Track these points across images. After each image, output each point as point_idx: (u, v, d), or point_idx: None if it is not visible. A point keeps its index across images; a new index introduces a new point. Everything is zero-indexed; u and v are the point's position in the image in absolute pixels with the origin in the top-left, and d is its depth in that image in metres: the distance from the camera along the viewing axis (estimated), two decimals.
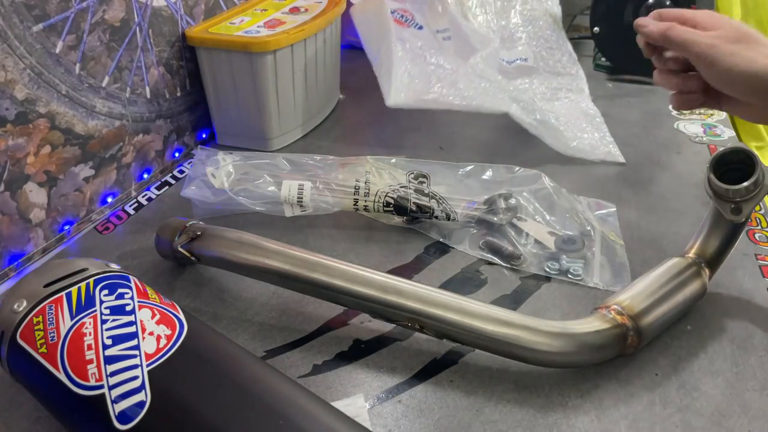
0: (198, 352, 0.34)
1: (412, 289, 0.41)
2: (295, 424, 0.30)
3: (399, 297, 0.40)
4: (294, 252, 0.44)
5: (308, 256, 0.44)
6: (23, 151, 0.50)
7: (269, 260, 0.44)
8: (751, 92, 0.42)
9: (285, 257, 0.44)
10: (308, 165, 0.59)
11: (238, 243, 0.46)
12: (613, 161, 0.67)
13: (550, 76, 0.83)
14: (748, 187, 0.41)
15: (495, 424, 0.38)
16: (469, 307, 0.40)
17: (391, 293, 0.41)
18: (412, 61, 0.67)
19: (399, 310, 0.40)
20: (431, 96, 0.65)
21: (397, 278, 0.42)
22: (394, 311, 0.41)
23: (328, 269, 0.42)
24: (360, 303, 0.42)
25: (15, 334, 0.34)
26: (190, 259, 0.48)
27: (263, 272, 0.44)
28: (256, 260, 0.44)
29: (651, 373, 0.41)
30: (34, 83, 0.50)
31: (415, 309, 0.40)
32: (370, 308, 0.42)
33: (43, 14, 0.49)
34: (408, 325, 0.41)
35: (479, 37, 0.75)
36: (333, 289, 0.42)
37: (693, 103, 0.48)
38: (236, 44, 0.64)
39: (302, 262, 0.43)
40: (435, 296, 0.40)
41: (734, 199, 0.42)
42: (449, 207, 0.55)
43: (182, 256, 0.48)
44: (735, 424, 0.37)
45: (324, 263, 0.43)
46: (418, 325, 0.40)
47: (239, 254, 0.45)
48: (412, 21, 0.74)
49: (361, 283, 0.41)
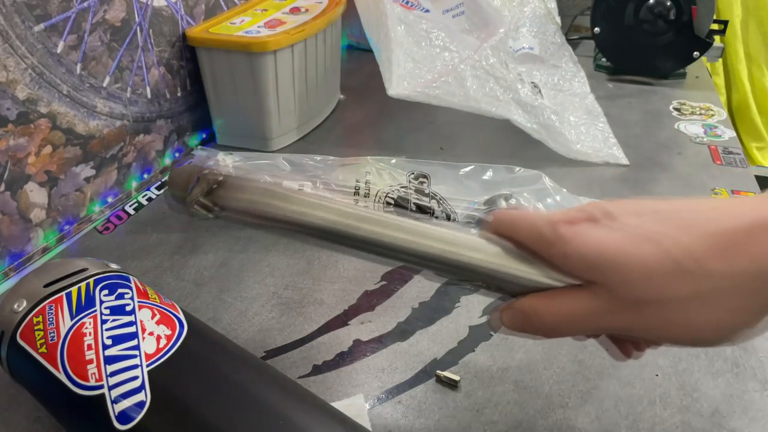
0: (198, 352, 0.34)
1: (485, 243, 0.34)
2: (295, 424, 0.30)
3: (473, 252, 0.33)
4: (338, 206, 0.36)
5: (358, 211, 0.35)
6: (24, 151, 0.50)
7: (312, 210, 0.36)
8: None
9: (328, 209, 0.36)
10: (308, 165, 0.59)
11: (268, 192, 0.37)
12: (616, 163, 0.67)
13: (553, 68, 0.83)
14: None
15: (495, 424, 0.38)
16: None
17: (463, 248, 0.34)
18: (417, 44, 0.66)
19: (473, 271, 0.34)
20: (436, 91, 0.64)
21: (466, 230, 0.35)
22: (467, 271, 0.34)
23: (383, 224, 0.35)
24: (423, 262, 0.35)
25: (15, 334, 0.34)
26: (207, 214, 0.39)
27: (303, 227, 0.36)
28: (295, 209, 0.36)
29: (651, 373, 0.41)
30: (36, 83, 0.50)
31: (492, 268, 0.33)
32: (434, 267, 0.35)
33: (44, 14, 0.49)
34: (481, 285, 0.35)
35: (493, 11, 0.74)
36: (394, 248, 0.35)
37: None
38: (236, 44, 0.64)
39: (350, 214, 0.35)
40: (514, 253, 0.33)
41: None
42: (449, 207, 0.55)
43: (197, 212, 0.39)
44: (735, 425, 0.37)
45: (375, 217, 0.35)
46: (494, 287, 0.34)
47: (273, 202, 0.37)
48: (418, 5, 0.73)
49: (427, 237, 0.34)
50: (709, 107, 0.81)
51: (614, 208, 0.30)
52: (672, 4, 0.81)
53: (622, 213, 0.30)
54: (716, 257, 0.27)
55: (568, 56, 0.85)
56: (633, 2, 0.83)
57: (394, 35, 0.66)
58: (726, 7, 1.53)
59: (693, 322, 0.28)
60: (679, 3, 0.81)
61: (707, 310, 0.28)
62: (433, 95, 0.64)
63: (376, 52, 0.67)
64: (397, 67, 0.64)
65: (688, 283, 0.28)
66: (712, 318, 0.28)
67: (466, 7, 0.77)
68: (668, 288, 0.28)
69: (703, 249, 0.28)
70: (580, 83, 0.82)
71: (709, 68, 1.12)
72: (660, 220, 0.29)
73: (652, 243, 0.28)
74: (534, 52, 0.83)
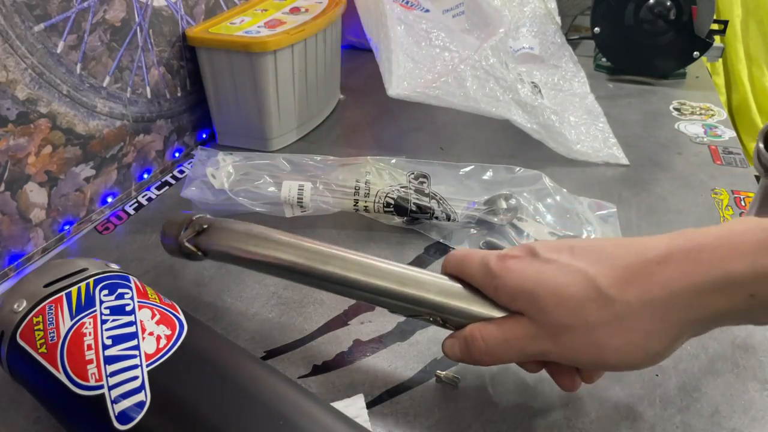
0: (198, 352, 0.34)
1: (433, 280, 0.37)
2: (295, 424, 0.30)
3: (419, 290, 0.37)
4: (306, 244, 0.40)
5: (322, 248, 0.40)
6: (24, 151, 0.50)
7: (280, 253, 0.40)
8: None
9: (297, 249, 0.40)
10: (308, 165, 0.59)
11: (246, 235, 0.42)
12: (616, 163, 0.67)
13: (553, 68, 0.83)
14: None
15: (495, 425, 0.38)
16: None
17: (411, 286, 0.37)
18: (417, 44, 0.66)
19: (420, 305, 0.37)
20: (436, 92, 0.64)
21: (417, 270, 0.39)
22: (414, 307, 0.37)
23: (344, 261, 0.39)
24: (377, 298, 0.38)
25: (15, 334, 0.34)
26: (197, 254, 0.45)
27: (274, 267, 0.41)
28: (266, 254, 0.40)
29: (651, 373, 0.41)
30: (36, 83, 0.50)
31: (437, 303, 0.37)
32: (389, 303, 0.38)
33: (44, 14, 0.49)
34: (429, 319, 0.38)
35: (493, 10, 0.75)
36: (348, 284, 0.38)
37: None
38: (236, 44, 0.64)
39: (315, 254, 0.39)
40: (458, 288, 0.37)
41: None
42: (449, 207, 0.55)
43: (189, 252, 0.45)
44: (735, 425, 0.37)
45: (339, 255, 0.39)
46: (441, 320, 0.37)
47: (248, 248, 0.42)
48: (418, 5, 0.73)
49: (380, 277, 0.38)
50: (709, 107, 0.81)
51: (538, 247, 0.34)
52: (672, 4, 0.81)
53: (543, 250, 0.34)
54: (629, 285, 0.31)
55: (568, 56, 0.85)
56: (633, 2, 0.83)
57: (394, 35, 0.65)
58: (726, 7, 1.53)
59: (610, 345, 0.31)
60: (679, 3, 0.81)
61: (624, 334, 0.31)
62: (432, 95, 0.64)
63: (376, 52, 0.67)
64: (396, 68, 0.64)
65: (602, 309, 0.31)
66: (629, 341, 0.31)
67: (466, 7, 0.77)
68: (582, 314, 0.31)
69: (614, 278, 0.31)
70: (580, 83, 0.82)
71: (709, 68, 1.12)
72: (575, 255, 0.33)
73: (567, 275, 0.32)
74: (534, 52, 0.83)
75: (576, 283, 0.32)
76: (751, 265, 0.28)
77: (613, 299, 0.31)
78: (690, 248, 0.30)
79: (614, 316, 0.31)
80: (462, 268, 0.37)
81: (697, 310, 0.30)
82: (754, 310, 0.29)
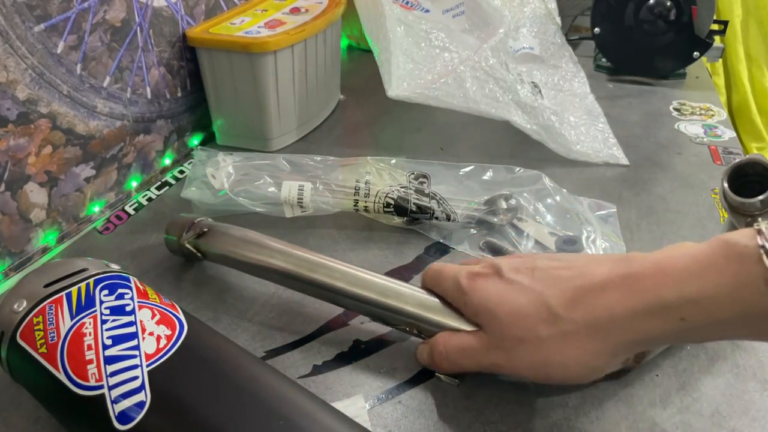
0: (198, 352, 0.34)
1: (411, 293, 0.41)
2: (295, 425, 0.30)
3: (398, 301, 0.41)
4: (296, 252, 0.44)
5: (310, 256, 0.44)
6: (24, 151, 0.50)
7: (271, 259, 0.44)
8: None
9: (287, 256, 0.44)
10: (308, 166, 0.59)
11: (242, 241, 0.46)
12: (616, 163, 0.67)
13: (553, 68, 0.83)
14: (764, 201, 0.38)
15: (495, 425, 0.38)
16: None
17: (391, 297, 0.41)
18: (416, 45, 0.66)
19: (398, 315, 0.41)
20: (435, 93, 0.64)
21: (398, 282, 0.42)
22: (393, 315, 0.41)
23: (330, 270, 0.43)
24: (359, 305, 0.42)
25: (15, 334, 0.34)
26: (196, 255, 0.49)
27: (265, 271, 0.45)
28: (259, 258, 0.45)
29: (651, 373, 0.41)
30: (36, 83, 0.50)
31: (414, 314, 0.40)
32: (369, 311, 0.42)
33: (44, 14, 0.49)
34: (406, 329, 0.41)
35: (493, 11, 0.75)
36: (333, 291, 0.42)
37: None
38: (236, 45, 0.64)
39: (304, 262, 0.44)
40: (433, 302, 0.41)
41: (750, 212, 0.39)
42: (449, 207, 0.55)
43: (189, 252, 0.49)
44: (735, 425, 0.37)
45: (325, 264, 0.43)
46: (416, 330, 0.41)
47: (242, 252, 0.46)
48: (418, 5, 0.73)
49: (361, 286, 0.42)
50: (709, 107, 0.81)
51: (504, 267, 0.38)
52: (672, 4, 0.81)
53: (508, 271, 0.37)
54: (576, 306, 0.34)
55: (568, 56, 0.85)
56: (633, 2, 0.83)
57: (394, 36, 0.65)
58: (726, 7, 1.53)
59: (555, 358, 0.35)
60: (679, 3, 0.81)
61: (568, 349, 0.34)
62: (432, 96, 0.64)
63: (376, 53, 0.67)
64: (396, 68, 0.64)
65: (551, 326, 0.34)
66: (572, 356, 0.34)
67: (466, 7, 0.77)
68: (534, 330, 0.35)
69: (564, 299, 0.34)
70: (580, 83, 0.82)
71: (709, 68, 1.12)
72: (534, 278, 0.36)
73: (525, 296, 0.36)
74: (534, 53, 0.83)
75: (531, 303, 0.35)
76: (679, 291, 0.31)
77: (561, 317, 0.34)
78: (628, 275, 0.33)
79: (561, 333, 0.34)
80: (437, 282, 0.41)
81: (634, 331, 0.33)
82: (685, 333, 0.32)
